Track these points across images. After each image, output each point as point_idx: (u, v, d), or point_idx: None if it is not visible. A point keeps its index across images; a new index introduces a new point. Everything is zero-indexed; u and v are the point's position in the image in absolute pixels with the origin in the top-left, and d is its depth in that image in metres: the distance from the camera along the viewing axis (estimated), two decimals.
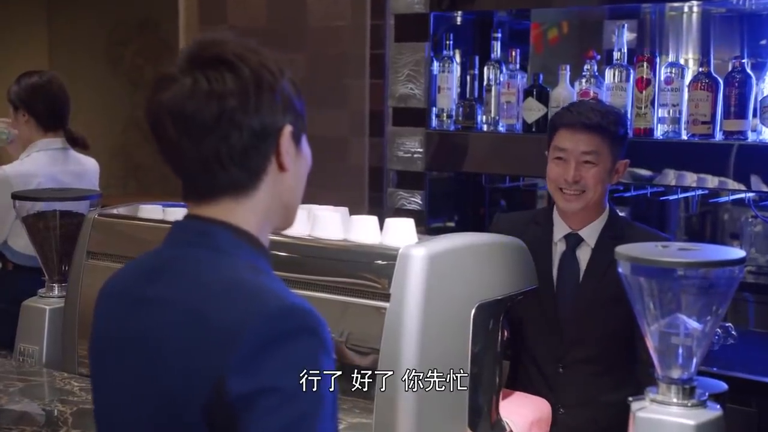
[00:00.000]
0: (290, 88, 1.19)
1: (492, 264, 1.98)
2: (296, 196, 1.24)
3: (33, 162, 3.14)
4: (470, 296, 1.89)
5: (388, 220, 1.93)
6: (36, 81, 3.18)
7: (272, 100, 1.15)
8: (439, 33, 3.31)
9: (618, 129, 2.30)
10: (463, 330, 1.87)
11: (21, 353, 2.39)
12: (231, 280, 1.13)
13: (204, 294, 1.12)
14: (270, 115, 1.15)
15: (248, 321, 1.07)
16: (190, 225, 1.20)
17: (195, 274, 1.15)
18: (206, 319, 1.09)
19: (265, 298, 1.10)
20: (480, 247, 1.99)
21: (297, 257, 1.95)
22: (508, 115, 3.15)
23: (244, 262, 1.16)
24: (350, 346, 1.85)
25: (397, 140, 3.36)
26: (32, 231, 2.51)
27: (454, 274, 1.87)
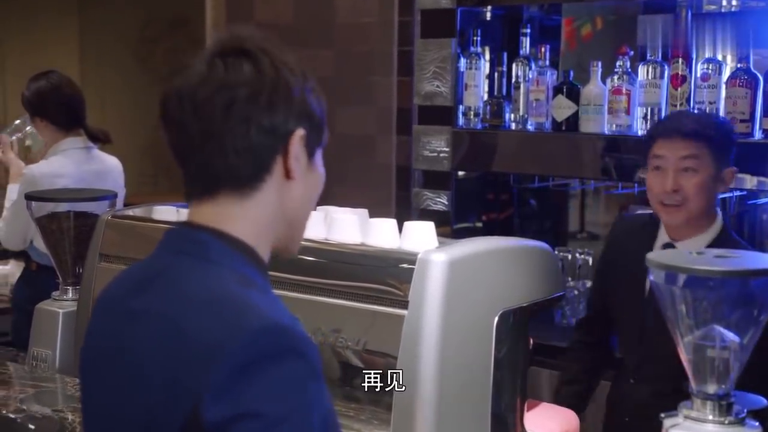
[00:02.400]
0: (311, 96, 1.14)
1: (516, 270, 1.90)
2: (302, 213, 1.18)
3: (58, 162, 3.15)
4: (493, 303, 1.82)
5: (407, 223, 1.87)
6: (43, 85, 3.17)
7: (288, 100, 1.11)
8: (467, 29, 3.22)
9: (718, 134, 2.20)
10: (486, 339, 1.80)
11: (34, 358, 2.35)
12: (216, 293, 1.05)
13: (187, 308, 1.05)
14: (283, 115, 1.10)
15: (228, 340, 1.00)
16: (183, 232, 1.14)
17: (181, 287, 1.08)
18: (186, 336, 1.02)
19: (250, 314, 1.03)
20: (503, 252, 1.91)
21: (312, 261, 1.89)
22: (537, 113, 3.06)
23: (235, 273, 1.09)
24: (367, 355, 1.78)
25: (422, 139, 3.28)
26: (45, 232, 2.47)
27: (475, 280, 1.79)
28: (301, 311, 1.86)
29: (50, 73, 3.24)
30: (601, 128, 2.93)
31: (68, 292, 2.42)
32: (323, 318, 1.84)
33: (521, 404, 1.89)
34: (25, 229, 3.10)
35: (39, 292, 2.61)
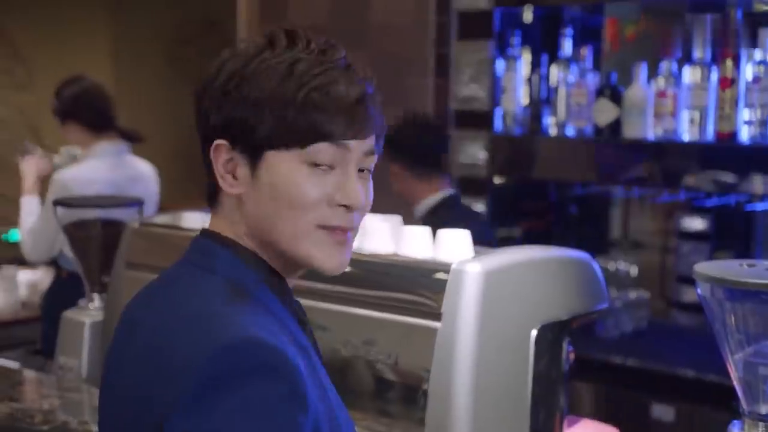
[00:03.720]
0: (237, 95, 1.04)
1: (556, 281, 1.83)
2: (267, 228, 1.07)
3: (91, 167, 3.15)
4: (531, 317, 1.76)
5: (440, 231, 1.80)
6: (76, 90, 3.21)
7: (202, 109, 1.07)
8: (505, 30, 3.14)
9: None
10: (523, 353, 1.74)
11: (61, 367, 2.31)
12: (198, 309, 1.00)
13: (171, 324, 1.01)
14: (203, 126, 1.07)
15: (195, 357, 0.94)
16: (195, 240, 1.11)
17: (174, 300, 1.04)
18: (163, 353, 0.98)
19: (221, 331, 0.96)
20: (542, 262, 1.83)
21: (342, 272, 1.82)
22: (578, 118, 2.97)
23: (229, 285, 1.04)
24: (398, 368, 1.72)
25: (458, 144, 3.20)
26: (73, 240, 2.44)
27: (512, 292, 1.73)
28: (330, 322, 1.81)
29: (79, 78, 3.29)
30: (646, 133, 2.84)
31: (95, 301, 2.38)
32: (353, 329, 1.79)
33: (561, 421, 1.83)
34: (52, 240, 3.08)
35: (69, 300, 2.58)
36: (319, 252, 1.07)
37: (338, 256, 1.08)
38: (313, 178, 1.04)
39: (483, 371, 1.65)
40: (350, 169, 1.07)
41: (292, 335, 1.04)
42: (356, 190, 1.06)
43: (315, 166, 1.04)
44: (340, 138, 1.05)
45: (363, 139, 1.06)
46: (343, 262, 1.09)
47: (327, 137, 1.04)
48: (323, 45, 1.06)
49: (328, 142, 1.04)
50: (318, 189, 1.05)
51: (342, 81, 1.04)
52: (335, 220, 1.06)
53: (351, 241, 1.10)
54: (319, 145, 1.04)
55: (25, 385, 2.40)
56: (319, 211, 1.05)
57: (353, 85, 1.05)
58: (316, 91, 1.03)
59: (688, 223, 3.05)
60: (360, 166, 1.08)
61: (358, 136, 1.06)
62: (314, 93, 1.03)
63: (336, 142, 1.05)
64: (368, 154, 1.09)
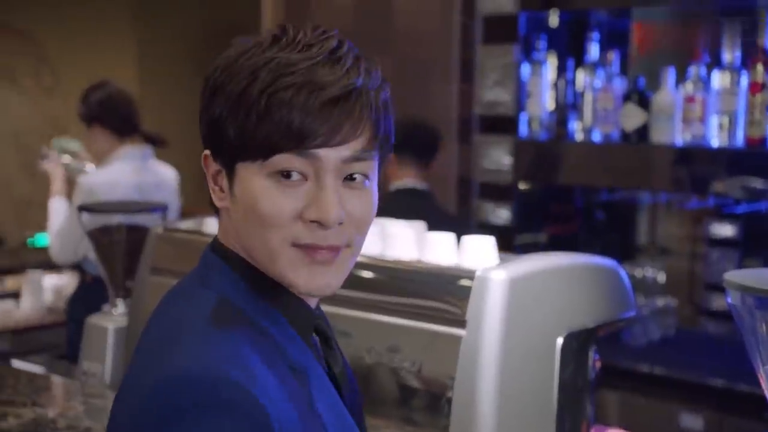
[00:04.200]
0: (218, 102, 0.96)
1: (582, 289, 1.80)
2: (247, 246, 0.98)
3: (116, 171, 3.17)
4: (557, 325, 1.73)
5: (465, 237, 1.78)
6: (102, 95, 3.24)
7: (202, 112, 1.00)
8: (530, 34, 3.11)
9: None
10: (549, 361, 1.72)
11: (84, 372, 2.31)
12: (179, 327, 0.95)
13: (156, 340, 0.96)
14: (213, 116, 0.98)
15: (147, 390, 0.88)
16: (205, 249, 1.05)
17: (169, 313, 1.00)
18: (138, 371, 0.94)
19: (177, 358, 0.89)
20: (568, 270, 1.81)
21: (365, 277, 1.81)
22: (605, 123, 2.94)
23: (214, 303, 0.96)
24: (422, 375, 1.70)
25: (483, 149, 3.18)
26: (97, 245, 2.44)
27: (538, 299, 1.71)
28: (354, 329, 1.80)
29: (105, 83, 3.32)
30: (674, 138, 2.80)
31: (119, 306, 2.38)
32: (377, 336, 1.77)
33: (587, 430, 1.80)
34: (77, 242, 3.10)
35: (94, 304, 2.59)
36: (293, 273, 0.97)
37: (318, 278, 0.97)
38: (279, 192, 0.95)
39: (508, 379, 1.63)
40: (325, 181, 0.95)
41: (286, 358, 0.96)
42: (328, 203, 0.94)
43: (285, 177, 0.95)
44: (302, 146, 0.93)
45: (339, 144, 0.94)
46: (324, 285, 0.98)
47: (288, 146, 0.93)
48: (312, 39, 0.97)
49: (289, 152, 0.93)
50: (286, 204, 0.94)
51: (316, 80, 0.93)
52: (307, 237, 0.95)
53: (339, 260, 0.98)
54: (282, 155, 0.94)
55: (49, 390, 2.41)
56: (290, 228, 0.95)
57: (332, 84, 0.93)
58: (279, 94, 0.92)
59: (717, 230, 3.00)
60: (348, 173, 0.97)
61: (329, 143, 0.94)
62: (276, 97, 0.92)
63: (299, 152, 0.94)
64: (352, 160, 0.96)
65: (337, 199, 0.95)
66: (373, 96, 0.97)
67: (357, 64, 0.97)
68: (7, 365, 2.68)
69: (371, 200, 1.00)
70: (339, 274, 0.99)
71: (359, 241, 1.01)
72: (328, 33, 0.99)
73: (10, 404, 2.20)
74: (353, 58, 0.97)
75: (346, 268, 1.00)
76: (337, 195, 0.96)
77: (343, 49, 0.97)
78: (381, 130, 0.99)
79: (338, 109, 0.94)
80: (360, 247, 1.02)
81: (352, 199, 0.98)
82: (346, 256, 0.99)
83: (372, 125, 0.98)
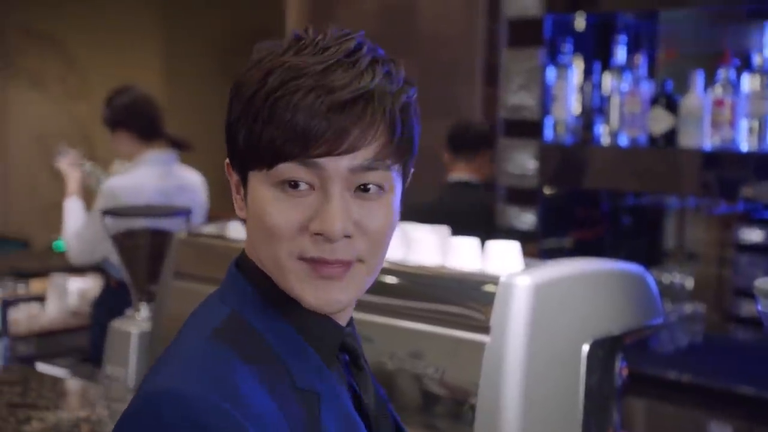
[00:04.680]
0: (238, 111, 0.93)
1: (608, 295, 1.78)
2: (260, 258, 0.95)
3: (140, 176, 3.17)
4: (582, 331, 1.71)
5: (489, 242, 1.76)
6: (128, 99, 3.26)
7: (227, 121, 0.95)
8: (556, 38, 3.08)
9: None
10: (574, 369, 1.70)
11: (107, 376, 2.31)
12: (181, 342, 0.93)
13: (159, 357, 0.94)
14: (230, 122, 0.95)
15: (131, 405, 0.87)
16: (233, 261, 1.02)
17: (188, 323, 0.97)
18: (136, 392, 0.92)
19: (162, 377, 0.87)
20: (594, 275, 1.78)
21: (388, 283, 1.79)
22: (632, 127, 2.90)
23: (219, 321, 0.94)
24: (445, 382, 1.68)
25: (508, 153, 3.15)
26: (121, 249, 2.44)
27: (563, 306, 1.69)
28: (376, 334, 1.78)
29: (130, 88, 3.33)
30: (702, 142, 2.76)
31: (142, 310, 2.38)
32: (400, 342, 1.75)
33: None
34: (96, 245, 3.10)
35: (118, 308, 2.59)
36: (300, 287, 0.92)
37: (325, 293, 0.92)
38: (286, 203, 0.91)
39: (532, 386, 1.61)
40: (331, 191, 0.90)
41: (292, 380, 0.92)
42: (333, 215, 0.89)
43: (291, 187, 0.90)
44: (306, 154, 0.89)
45: (347, 152, 0.89)
46: (333, 300, 0.93)
47: (293, 153, 0.89)
48: (330, 41, 0.93)
49: (293, 161, 0.89)
50: (292, 215, 0.90)
51: (326, 83, 0.88)
52: (313, 250, 0.90)
53: (349, 275, 0.93)
54: (287, 164, 0.89)
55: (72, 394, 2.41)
56: (296, 240, 0.91)
57: (342, 87, 0.88)
58: (285, 98, 0.88)
59: (746, 235, 2.96)
60: (360, 183, 0.92)
61: (335, 150, 0.88)
62: (283, 100, 0.88)
63: (303, 161, 0.89)
64: (363, 169, 0.91)
65: (344, 211, 0.90)
66: (390, 100, 0.91)
67: (373, 67, 0.92)
68: (31, 369, 2.69)
69: (386, 213, 0.94)
70: (349, 290, 0.94)
71: (375, 256, 0.94)
72: (349, 35, 0.95)
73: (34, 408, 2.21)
74: (370, 60, 0.92)
75: (358, 283, 0.94)
76: (343, 206, 0.90)
77: (360, 52, 0.92)
78: (398, 136, 0.92)
79: (346, 113, 0.88)
80: (377, 262, 0.95)
81: (364, 211, 0.92)
82: (358, 271, 0.94)
83: (387, 132, 0.91)
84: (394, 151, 0.92)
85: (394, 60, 0.96)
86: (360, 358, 1.02)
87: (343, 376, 1.00)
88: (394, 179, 0.94)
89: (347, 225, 0.90)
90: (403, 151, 0.94)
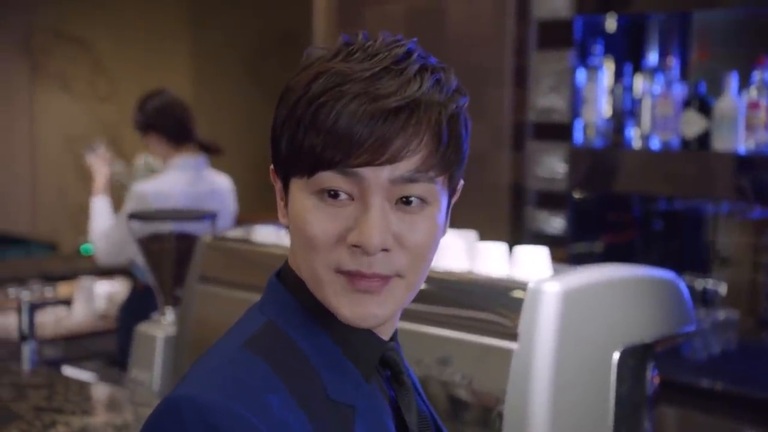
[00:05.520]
0: (282, 116, 0.91)
1: (639, 302, 1.75)
2: (300, 268, 0.93)
3: (170, 181, 3.17)
4: (613, 339, 1.68)
5: (517, 247, 1.74)
6: (160, 103, 3.27)
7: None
8: (586, 39, 3.04)
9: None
10: (605, 377, 1.67)
11: (133, 380, 2.31)
12: (213, 350, 0.93)
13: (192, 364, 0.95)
14: (275, 128, 0.93)
15: (155, 410, 0.88)
16: (276, 271, 1.00)
17: (227, 332, 0.97)
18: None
19: (187, 385, 0.87)
20: (625, 281, 1.75)
21: None
22: (664, 130, 2.86)
23: (267, 326, 0.93)
24: (472, 389, 1.66)
25: (537, 157, 3.12)
26: (147, 253, 2.43)
27: (593, 313, 1.66)
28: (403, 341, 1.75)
29: (161, 91, 3.34)
30: (736, 146, 2.71)
31: (168, 314, 2.37)
32: (427, 349, 1.73)
33: None
34: (123, 246, 3.10)
35: (145, 312, 2.59)
36: (336, 300, 0.90)
37: (361, 307, 0.89)
38: (324, 213, 0.88)
39: (561, 394, 1.58)
40: (371, 202, 0.87)
41: (325, 392, 0.91)
42: (371, 227, 0.86)
43: (331, 197, 0.88)
44: (345, 163, 0.86)
45: (388, 162, 0.86)
46: (369, 315, 0.90)
47: (327, 164, 0.87)
48: (379, 47, 0.90)
49: (333, 170, 0.87)
50: (330, 226, 0.88)
51: (370, 90, 0.86)
52: (351, 263, 0.88)
53: (387, 290, 0.90)
54: (326, 173, 0.87)
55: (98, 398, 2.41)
56: (334, 252, 0.88)
57: (386, 96, 0.86)
58: (328, 104, 0.86)
59: None
60: (402, 195, 0.88)
61: (375, 160, 0.86)
62: (323, 109, 0.86)
63: (342, 170, 0.87)
64: (405, 181, 0.88)
65: (382, 223, 0.87)
66: (437, 110, 0.88)
67: (422, 75, 0.89)
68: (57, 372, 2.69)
69: (429, 226, 0.90)
70: (387, 305, 0.90)
71: (416, 272, 0.91)
72: (400, 42, 0.92)
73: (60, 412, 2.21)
74: (418, 68, 0.89)
75: (397, 298, 0.91)
76: (382, 218, 0.87)
77: (409, 59, 0.90)
78: (443, 148, 0.89)
79: (389, 122, 0.86)
80: (418, 278, 0.92)
81: (405, 224, 0.89)
82: (397, 286, 0.90)
83: (432, 142, 0.88)
84: (438, 162, 0.89)
85: (445, 68, 0.93)
86: (402, 374, 0.98)
87: (385, 391, 0.98)
88: (439, 192, 0.91)
89: (386, 238, 0.88)
90: (449, 163, 0.91)
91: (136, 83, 5.73)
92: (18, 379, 2.51)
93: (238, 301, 2.00)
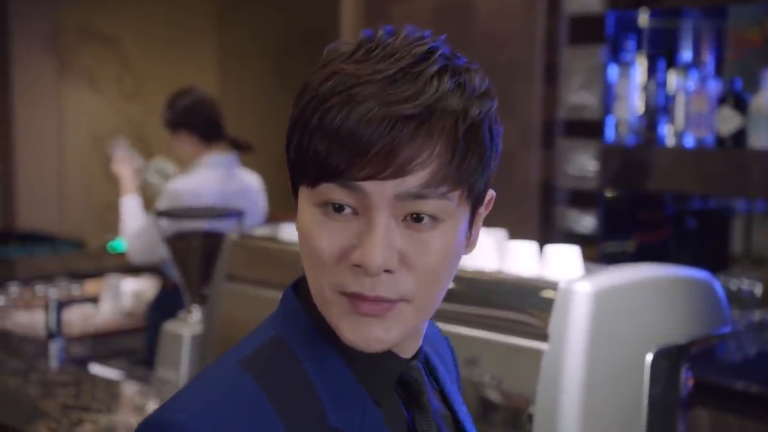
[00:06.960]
0: (296, 119, 0.84)
1: (673, 302, 1.72)
2: (308, 279, 0.86)
3: (201, 179, 3.17)
4: (645, 340, 1.66)
5: (548, 246, 1.71)
6: (190, 100, 3.26)
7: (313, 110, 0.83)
8: (618, 35, 2.99)
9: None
10: (637, 379, 1.65)
11: (159, 379, 2.30)
12: (213, 365, 0.89)
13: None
14: (293, 121, 0.84)
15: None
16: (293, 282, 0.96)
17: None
18: None
19: (171, 402, 0.83)
20: (658, 282, 1.72)
21: None
22: (699, 127, 2.81)
23: (274, 341, 0.88)
24: (502, 390, 1.64)
25: (568, 154, 3.08)
26: (174, 251, 2.42)
27: (625, 313, 1.63)
28: None
29: (191, 89, 3.34)
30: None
31: (194, 313, 2.36)
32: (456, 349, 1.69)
33: None
34: (156, 244, 3.10)
35: (173, 310, 2.58)
36: (340, 322, 0.83)
37: (363, 331, 0.82)
38: (327, 227, 0.82)
39: (592, 396, 1.56)
40: (375, 219, 0.80)
41: (324, 416, 0.84)
42: (373, 246, 0.79)
43: (335, 210, 0.81)
44: (346, 176, 0.79)
45: (393, 176, 0.79)
46: (372, 339, 0.82)
47: (331, 174, 0.80)
48: (399, 46, 0.83)
49: (333, 182, 0.80)
50: (332, 240, 0.81)
51: (380, 97, 0.79)
52: (354, 285, 0.81)
53: (393, 314, 0.82)
54: (327, 185, 0.80)
55: (125, 396, 2.40)
56: (337, 270, 0.82)
57: (394, 103, 0.79)
58: (332, 111, 0.80)
59: None
60: (410, 212, 0.81)
61: (378, 174, 0.79)
62: (330, 113, 0.80)
63: (343, 183, 0.80)
64: (412, 197, 0.80)
65: (386, 242, 0.80)
66: (453, 117, 0.80)
67: (440, 77, 0.81)
68: (84, 371, 2.70)
69: (441, 246, 0.82)
70: (393, 329, 0.82)
71: (426, 295, 0.83)
72: (422, 40, 0.84)
73: (87, 410, 2.21)
74: (438, 69, 0.81)
75: (404, 322, 0.83)
76: (385, 237, 0.80)
77: (429, 60, 0.82)
78: (458, 159, 0.81)
79: (397, 129, 0.78)
80: (429, 303, 0.84)
81: (413, 243, 0.81)
82: (404, 310, 0.83)
83: (445, 153, 0.80)
84: (452, 175, 0.81)
85: (470, 69, 0.85)
86: (423, 395, 0.90)
87: (402, 414, 0.90)
88: (454, 208, 0.82)
89: (389, 258, 0.80)
90: (466, 175, 0.82)
91: (162, 81, 5.75)
92: (45, 377, 2.52)
93: (265, 299, 1.98)
